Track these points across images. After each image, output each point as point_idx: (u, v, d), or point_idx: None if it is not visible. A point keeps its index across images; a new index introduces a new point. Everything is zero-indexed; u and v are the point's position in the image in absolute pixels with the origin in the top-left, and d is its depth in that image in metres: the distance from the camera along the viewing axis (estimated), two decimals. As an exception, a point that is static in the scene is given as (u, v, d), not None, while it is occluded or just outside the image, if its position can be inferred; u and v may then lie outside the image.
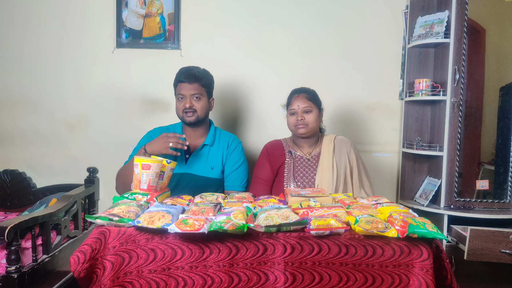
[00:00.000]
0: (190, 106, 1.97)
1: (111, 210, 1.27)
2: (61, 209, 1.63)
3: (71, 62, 2.65)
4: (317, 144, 2.05)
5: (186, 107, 1.97)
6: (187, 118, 1.99)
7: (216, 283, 1.21)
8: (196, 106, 1.99)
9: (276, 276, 1.21)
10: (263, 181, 2.03)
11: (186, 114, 1.99)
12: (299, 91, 2.02)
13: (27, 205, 2.18)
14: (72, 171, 2.65)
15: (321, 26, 2.63)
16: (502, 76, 2.48)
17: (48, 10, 2.62)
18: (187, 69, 2.03)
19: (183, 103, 1.99)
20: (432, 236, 1.19)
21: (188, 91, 1.99)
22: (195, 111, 1.99)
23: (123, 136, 2.64)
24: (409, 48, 2.55)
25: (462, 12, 2.29)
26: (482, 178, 2.43)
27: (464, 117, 2.35)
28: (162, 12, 2.61)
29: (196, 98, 2.00)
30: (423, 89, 2.44)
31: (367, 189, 1.98)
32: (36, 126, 2.69)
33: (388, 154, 2.69)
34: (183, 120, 2.02)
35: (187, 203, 1.51)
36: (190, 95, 1.98)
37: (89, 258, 1.18)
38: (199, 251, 1.21)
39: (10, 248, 1.35)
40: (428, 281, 1.19)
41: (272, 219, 1.22)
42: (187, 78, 1.99)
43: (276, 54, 2.64)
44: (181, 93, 2.00)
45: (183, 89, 1.99)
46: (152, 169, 1.45)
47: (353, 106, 2.67)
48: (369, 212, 1.35)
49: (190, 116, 1.99)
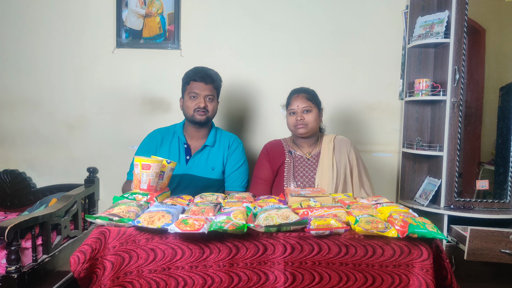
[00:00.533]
0: (204, 106, 1.98)
1: (111, 210, 1.27)
2: (61, 209, 1.63)
3: (71, 62, 2.65)
4: (317, 144, 2.05)
5: (200, 107, 1.98)
6: (198, 117, 1.99)
7: (216, 282, 1.21)
8: (209, 107, 2.01)
9: (276, 276, 1.21)
10: (263, 181, 2.03)
11: (198, 113, 1.99)
12: (298, 91, 2.02)
13: (27, 205, 2.18)
14: (72, 171, 2.65)
15: (321, 26, 2.63)
16: (502, 76, 2.47)
17: (48, 10, 2.62)
18: (203, 69, 2.03)
19: (195, 102, 1.99)
20: (432, 236, 1.19)
21: (202, 91, 1.99)
22: (207, 111, 2.00)
23: (123, 136, 2.65)
24: (409, 48, 2.55)
25: (462, 12, 2.29)
26: (482, 178, 2.43)
27: (464, 117, 2.35)
28: (162, 12, 2.61)
29: (209, 99, 2.01)
30: (423, 89, 2.44)
31: (367, 189, 1.98)
32: (36, 126, 2.69)
33: (388, 154, 2.69)
34: (193, 118, 2.01)
35: (187, 203, 1.51)
36: (204, 95, 2.00)
37: (89, 258, 1.18)
38: (199, 251, 1.21)
39: (10, 248, 1.35)
40: (428, 281, 1.19)
41: (272, 219, 1.23)
42: (203, 78, 1.99)
43: (276, 54, 2.64)
44: (195, 92, 1.99)
45: (198, 88, 1.99)
46: (152, 169, 1.45)
47: (353, 106, 2.67)
48: (369, 212, 1.35)
49: (201, 115, 1.99)
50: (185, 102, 2.03)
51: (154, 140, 2.07)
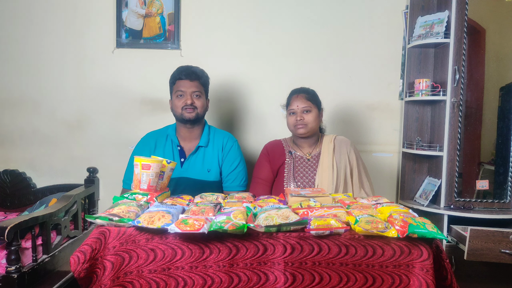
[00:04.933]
0: (191, 102, 1.96)
1: (111, 210, 1.27)
2: (61, 209, 1.63)
3: (71, 62, 2.65)
4: (317, 144, 2.05)
5: (187, 104, 1.96)
6: (187, 114, 1.97)
7: (216, 283, 1.21)
8: (197, 103, 1.98)
9: (276, 276, 1.21)
10: (263, 181, 2.03)
11: (186, 111, 1.97)
12: (298, 91, 2.02)
13: (27, 205, 2.18)
14: (72, 171, 2.65)
15: (321, 25, 2.63)
16: (502, 76, 2.48)
17: (48, 10, 2.63)
18: (187, 67, 2.02)
19: (183, 100, 1.97)
20: (432, 236, 1.19)
21: (188, 88, 1.98)
22: (196, 108, 1.98)
23: (123, 136, 2.65)
24: (409, 48, 2.55)
25: (462, 12, 2.29)
26: (482, 178, 2.43)
27: (464, 117, 2.35)
28: (162, 12, 2.61)
29: (196, 96, 1.99)
30: (423, 89, 2.44)
31: (367, 189, 1.98)
32: (36, 126, 2.69)
33: (388, 154, 2.69)
34: (182, 117, 1.98)
35: (187, 203, 1.51)
36: (191, 92, 1.98)
37: (89, 258, 1.18)
38: (199, 251, 1.21)
39: (10, 248, 1.35)
40: (428, 281, 1.19)
41: (272, 219, 1.22)
42: (187, 76, 1.98)
43: (276, 54, 2.64)
44: (181, 90, 1.98)
45: (183, 86, 1.98)
46: (152, 169, 1.45)
47: (353, 106, 2.67)
48: (369, 212, 1.35)
49: (190, 112, 1.97)
50: (173, 101, 2.01)
51: (147, 145, 2.05)
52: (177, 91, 1.99)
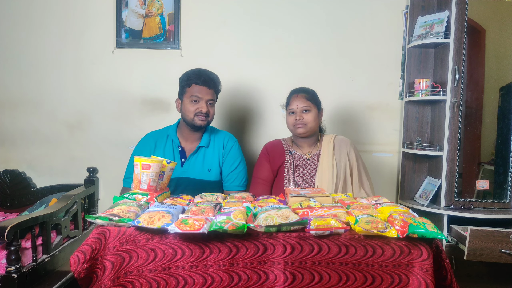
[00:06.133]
0: (207, 111, 1.95)
1: (111, 210, 1.27)
2: (61, 209, 1.63)
3: (71, 62, 2.65)
4: (317, 144, 2.05)
5: (202, 112, 1.93)
6: (199, 121, 1.95)
7: (216, 282, 1.21)
8: (210, 111, 1.98)
9: (276, 275, 1.21)
10: (263, 181, 2.03)
11: (199, 118, 1.95)
12: (298, 91, 2.02)
13: (27, 205, 2.17)
14: (72, 171, 2.65)
15: (321, 25, 2.63)
16: (502, 76, 2.48)
17: (48, 10, 2.63)
18: (205, 73, 1.98)
19: (197, 106, 1.94)
20: (432, 236, 1.19)
21: (205, 95, 1.95)
22: (208, 115, 1.97)
23: (123, 136, 2.65)
24: (409, 48, 2.55)
25: (462, 12, 2.29)
26: (482, 178, 2.43)
27: (464, 117, 2.35)
28: (162, 12, 2.61)
29: (210, 104, 1.98)
30: (423, 89, 2.44)
31: (367, 189, 1.98)
32: (36, 126, 2.69)
33: (388, 154, 2.69)
34: (193, 123, 1.96)
35: (187, 203, 1.51)
36: (207, 99, 1.95)
37: (89, 258, 1.18)
38: (199, 251, 1.21)
39: (10, 248, 1.35)
40: (428, 281, 1.19)
41: (272, 219, 1.23)
42: (205, 82, 1.94)
43: (276, 54, 2.64)
44: (197, 96, 1.94)
45: (200, 92, 1.94)
46: (152, 169, 1.45)
47: (353, 106, 2.67)
48: (369, 212, 1.35)
49: (203, 120, 1.95)
50: (185, 105, 1.97)
51: (147, 145, 2.04)
52: (192, 96, 1.95)
